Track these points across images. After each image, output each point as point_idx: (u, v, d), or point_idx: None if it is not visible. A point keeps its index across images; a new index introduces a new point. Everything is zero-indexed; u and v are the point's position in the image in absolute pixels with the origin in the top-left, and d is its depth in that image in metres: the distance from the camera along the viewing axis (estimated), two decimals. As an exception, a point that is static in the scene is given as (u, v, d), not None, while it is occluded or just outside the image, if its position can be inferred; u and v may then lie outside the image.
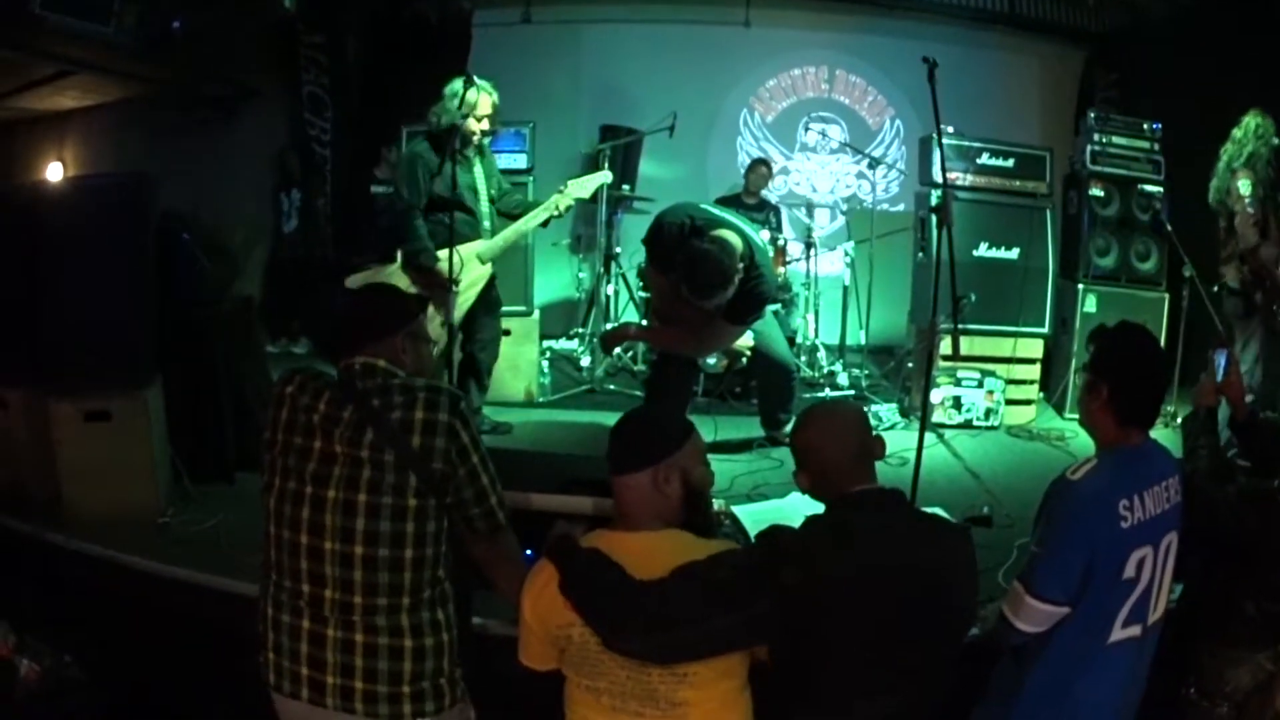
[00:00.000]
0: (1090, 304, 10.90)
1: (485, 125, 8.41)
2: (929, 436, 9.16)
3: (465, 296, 8.42)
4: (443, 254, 8.00)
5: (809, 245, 11.55)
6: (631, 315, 11.50)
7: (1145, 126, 11.15)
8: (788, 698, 3.68)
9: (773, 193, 12.92)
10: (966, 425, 10.35)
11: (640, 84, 11.15)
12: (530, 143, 10.51)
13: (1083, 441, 4.91)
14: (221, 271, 8.60)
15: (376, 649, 3.90)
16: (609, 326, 11.40)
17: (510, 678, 4.04)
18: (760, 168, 11.93)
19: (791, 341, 10.07)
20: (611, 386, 10.93)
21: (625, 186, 11.11)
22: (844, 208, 12.69)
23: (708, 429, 8.79)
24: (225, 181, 11.11)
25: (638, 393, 10.11)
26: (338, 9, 11.83)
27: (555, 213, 8.82)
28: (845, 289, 11.89)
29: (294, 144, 12.35)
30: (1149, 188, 10.95)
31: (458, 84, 8.21)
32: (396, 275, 8.21)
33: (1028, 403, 10.93)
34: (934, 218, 7.83)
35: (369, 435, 3.85)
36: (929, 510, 6.52)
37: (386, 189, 10.31)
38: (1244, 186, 9.14)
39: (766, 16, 12.28)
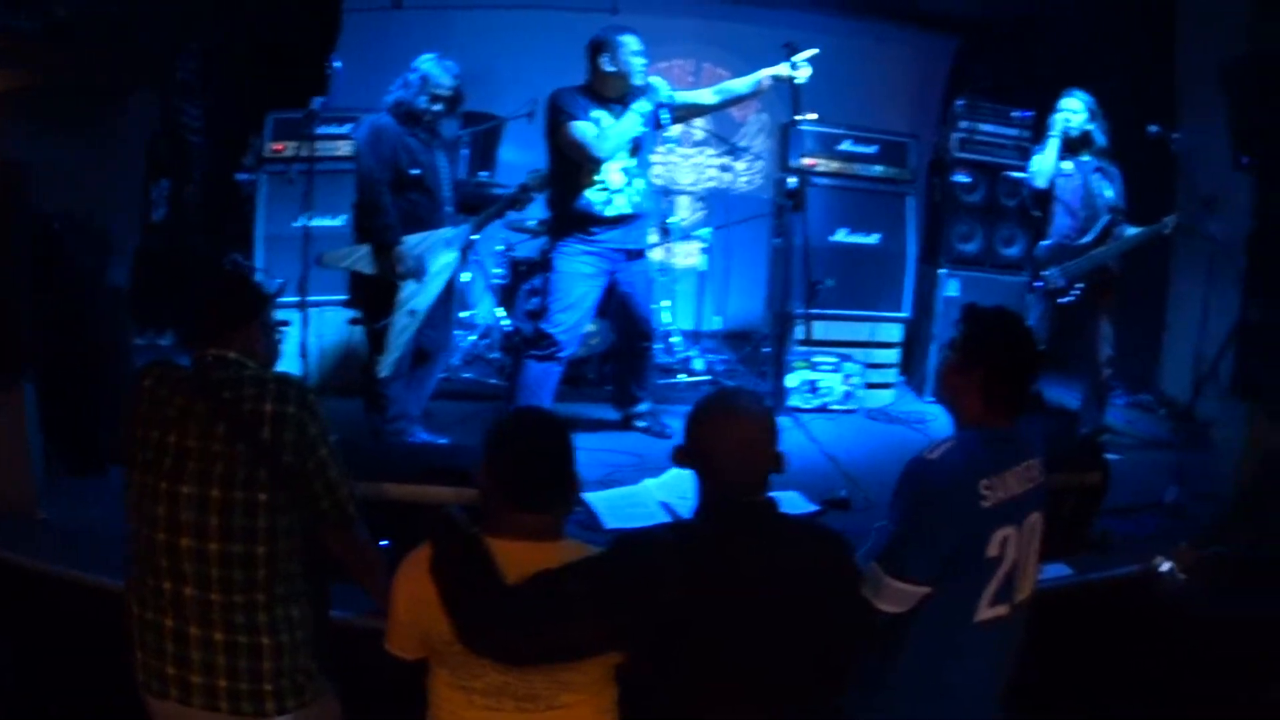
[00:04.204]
0: (952, 288, 11.02)
1: (441, 107, 8.25)
2: (786, 420, 9.46)
3: (434, 284, 8.28)
4: (412, 238, 8.04)
5: (665, 232, 11.48)
6: (487, 302, 11.49)
7: (1015, 114, 11.24)
8: (654, 712, 3.67)
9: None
10: (823, 409, 10.36)
11: (507, 70, 11.04)
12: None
13: (942, 424, 4.93)
14: (94, 262, 8.43)
15: (237, 647, 3.89)
16: (464, 314, 11.47)
17: (373, 672, 4.06)
18: None
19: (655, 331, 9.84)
20: (467, 375, 10.80)
21: (484, 174, 11.06)
22: (703, 194, 12.77)
23: (564, 412, 8.85)
24: (103, 171, 10.95)
25: (494, 380, 10.18)
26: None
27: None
28: (702, 275, 11.95)
29: (166, 132, 12.14)
30: (1016, 174, 10.93)
31: (424, 60, 8.14)
32: (367, 258, 8.06)
33: (887, 386, 11.00)
34: (789, 203, 7.77)
35: (221, 428, 3.86)
36: (791, 496, 6.39)
37: (251, 176, 10.17)
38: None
39: (634, 3, 12.23)
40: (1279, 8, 9.20)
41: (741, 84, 8.57)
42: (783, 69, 8.12)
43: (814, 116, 10.11)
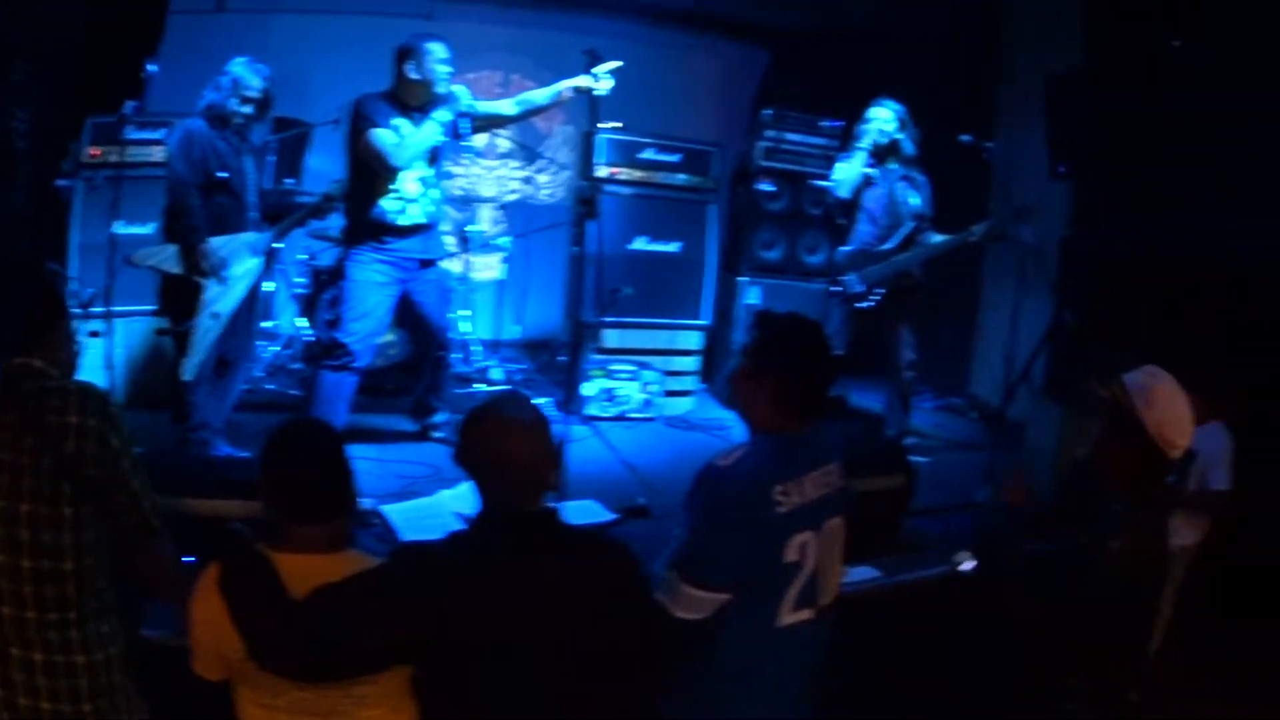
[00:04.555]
0: (753, 296, 11.06)
1: (251, 110, 8.14)
2: (584, 429, 9.50)
3: (237, 288, 8.19)
4: (217, 240, 7.95)
5: (464, 241, 11.52)
6: (289, 312, 11.25)
7: (824, 124, 11.33)
8: None
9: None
10: (621, 417, 10.33)
11: (321, 76, 10.86)
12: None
13: (742, 431, 5.07)
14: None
15: (55, 666, 3.80)
16: (267, 324, 11.18)
17: (187, 691, 3.85)
18: None
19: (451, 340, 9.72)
20: (269, 387, 10.60)
21: (289, 181, 10.99)
22: (504, 201, 12.71)
23: (361, 424, 9.13)
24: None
25: (296, 392, 10.03)
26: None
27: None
28: (501, 284, 11.94)
29: (-7, 137, 11.99)
30: (822, 183, 10.82)
31: (235, 63, 8.07)
32: (174, 257, 7.94)
33: (687, 394, 10.95)
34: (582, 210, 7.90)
35: (28, 441, 3.73)
36: (589, 504, 6.49)
37: (70, 182, 10.10)
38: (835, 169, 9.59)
39: (448, 10, 12.10)
40: (1100, 23, 9.42)
41: (542, 94, 8.53)
42: (583, 80, 8.04)
43: (618, 125, 10.17)
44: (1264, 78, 7.97)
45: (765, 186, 11.25)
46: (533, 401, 3.86)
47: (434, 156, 8.39)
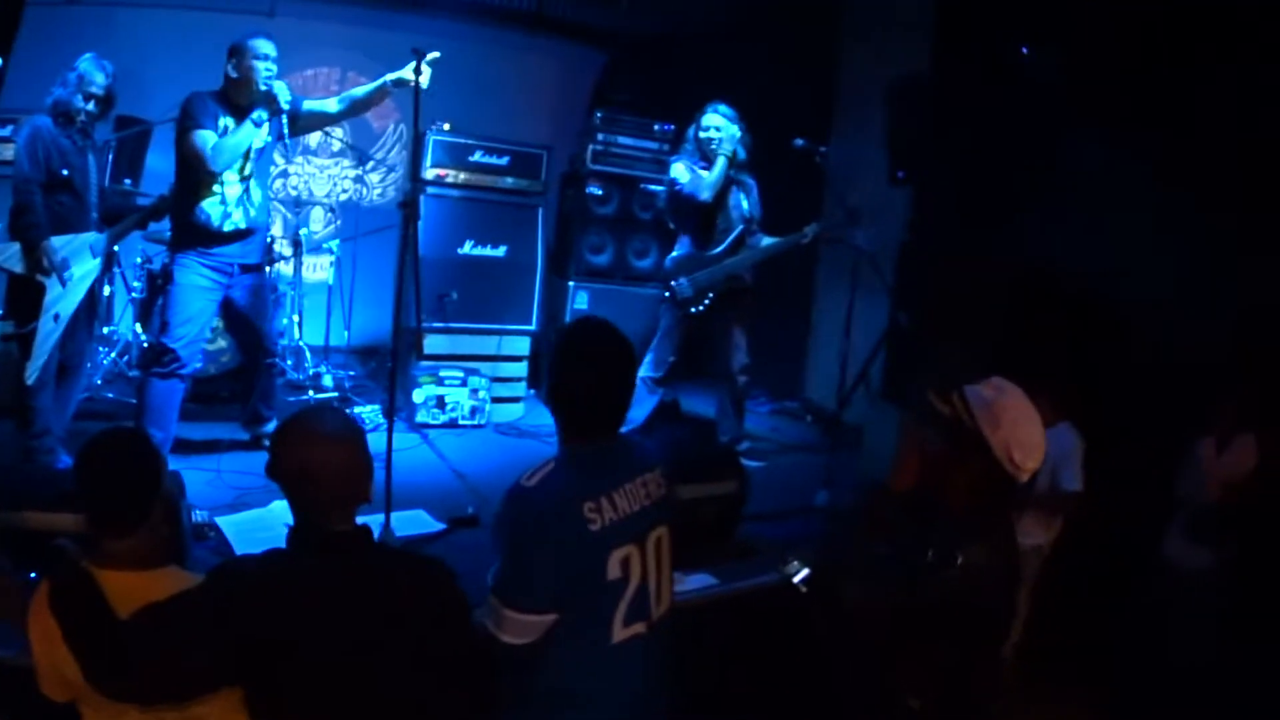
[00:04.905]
0: (581, 301, 11.13)
1: (94, 107, 7.99)
2: (413, 438, 9.48)
3: (78, 290, 8.04)
4: (58, 240, 7.77)
5: (296, 245, 11.40)
6: (128, 317, 11.08)
7: (657, 127, 11.39)
8: None
9: (272, 195, 12.47)
10: (452, 425, 10.29)
11: (162, 72, 10.67)
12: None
13: None
14: None
15: None
16: (108, 329, 11.00)
17: (37, 711, 3.80)
18: None
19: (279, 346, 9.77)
20: (109, 394, 10.35)
21: (127, 181, 10.74)
22: (336, 211, 12.57)
23: (195, 433, 9.03)
24: None
25: (134, 400, 9.32)
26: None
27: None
28: (330, 288, 11.85)
29: None
30: (653, 186, 11.06)
31: (82, 59, 7.94)
32: (16, 256, 7.74)
33: (516, 400, 10.91)
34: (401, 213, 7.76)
35: None
36: (417, 514, 6.37)
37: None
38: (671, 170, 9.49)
39: (291, 7, 11.78)
40: (941, 30, 9.52)
41: (363, 89, 8.45)
42: (405, 72, 7.93)
43: (447, 126, 10.17)
44: (1104, 85, 8.03)
45: (594, 190, 11.29)
46: (345, 412, 3.87)
47: (255, 157, 8.24)
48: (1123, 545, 7.42)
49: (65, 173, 7.87)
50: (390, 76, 8.13)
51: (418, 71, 7.52)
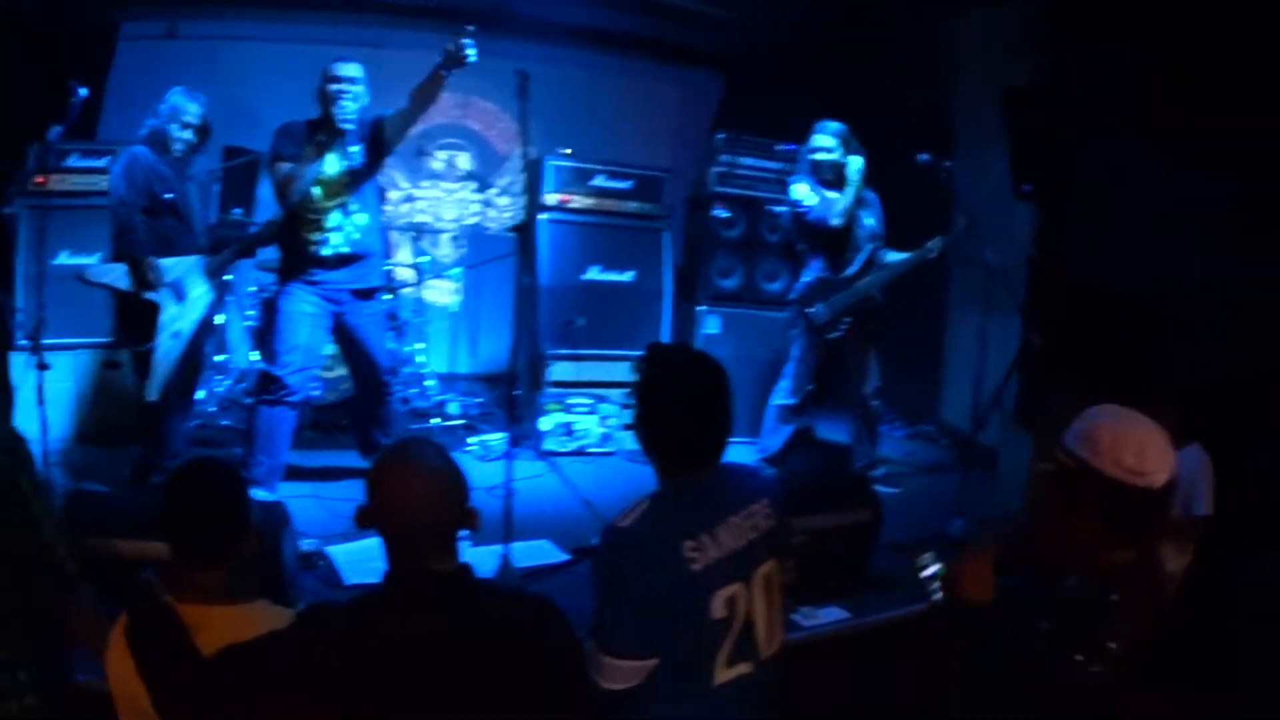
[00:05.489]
0: (712, 325, 10.83)
1: (191, 136, 8.06)
2: (540, 465, 9.38)
3: (195, 310, 8.10)
4: (166, 261, 7.83)
5: (419, 271, 11.37)
6: (243, 345, 11.16)
7: (779, 148, 11.04)
8: None
9: (397, 220, 12.78)
10: (580, 452, 10.13)
11: (271, 105, 10.57)
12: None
13: None
14: None
15: None
16: (220, 358, 11.06)
17: None
18: None
19: (395, 371, 9.63)
20: (224, 422, 10.42)
21: (238, 211, 10.82)
22: (456, 231, 12.46)
23: (313, 461, 9.05)
24: None
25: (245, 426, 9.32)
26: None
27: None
28: (455, 316, 11.88)
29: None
30: (779, 208, 10.79)
31: (172, 92, 8.02)
32: (125, 275, 7.78)
33: None
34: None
35: None
36: (542, 544, 6.20)
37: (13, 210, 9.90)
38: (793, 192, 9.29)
39: (401, 39, 11.95)
40: (1057, 37, 9.31)
41: (422, 82, 8.08)
42: (450, 50, 7.66)
43: (568, 152, 10.10)
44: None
45: (720, 213, 11.01)
46: (434, 443, 3.61)
47: (350, 183, 8.13)
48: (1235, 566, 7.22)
49: (169, 196, 7.89)
50: (439, 65, 7.88)
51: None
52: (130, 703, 3.47)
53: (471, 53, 7.45)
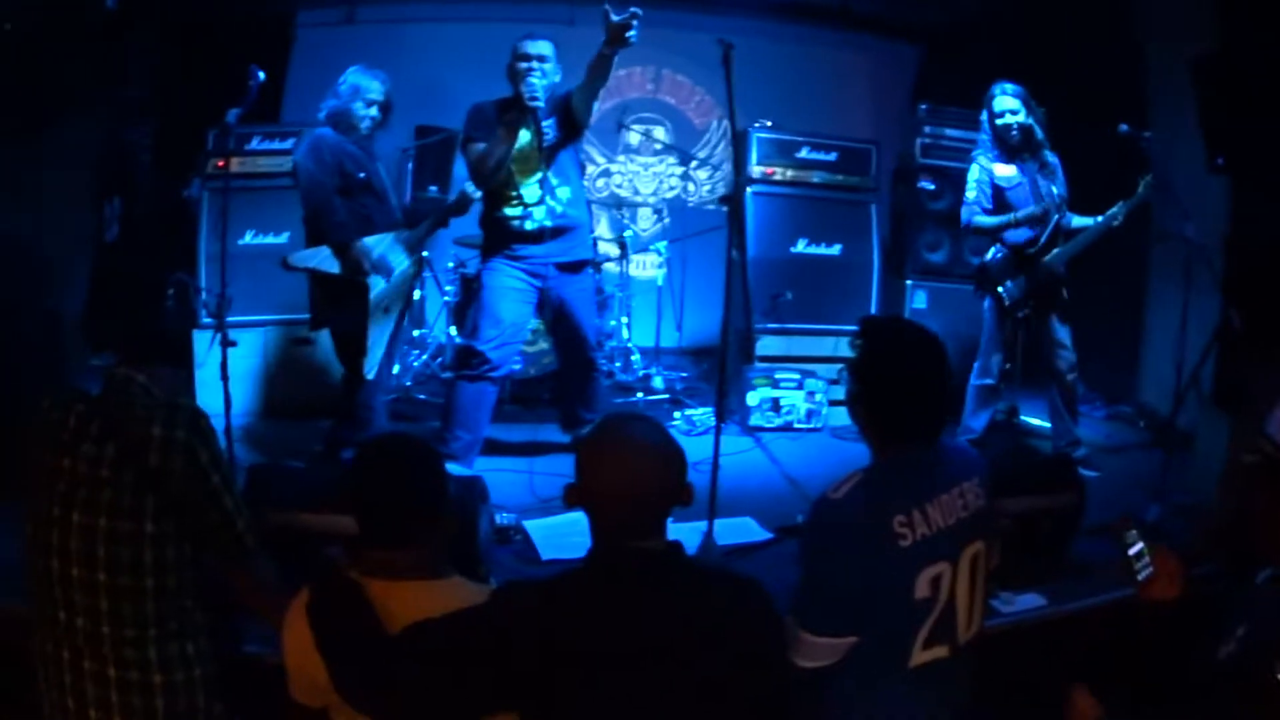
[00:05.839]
0: (920, 300, 10.74)
1: (376, 113, 7.99)
2: (746, 441, 9.28)
3: (403, 285, 8.14)
4: (369, 240, 7.78)
5: (622, 245, 11.26)
6: (443, 320, 11.20)
7: (981, 119, 10.55)
8: None
9: (594, 195, 12.81)
10: (787, 428, 9.92)
11: (461, 83, 10.73)
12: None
13: None
14: (26, 286, 8.12)
15: (129, 683, 3.69)
16: (417, 333, 11.30)
17: (291, 713, 3.68)
18: None
19: (600, 346, 9.53)
20: (420, 396, 10.52)
21: (433, 188, 10.84)
22: (664, 210, 12.16)
23: (512, 435, 9.04)
24: (46, 190, 10.68)
25: (441, 401, 9.25)
26: (162, 9, 11.41)
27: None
28: (659, 290, 11.64)
29: (116, 150, 11.87)
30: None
31: (350, 72, 7.96)
32: (330, 257, 7.77)
33: None
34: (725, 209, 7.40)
35: (109, 451, 3.64)
36: (745, 522, 5.88)
37: (196, 192, 9.90)
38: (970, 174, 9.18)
39: (591, 15, 11.72)
40: (1249, 3, 8.88)
41: (591, 61, 7.86)
42: (613, 26, 7.42)
43: (768, 124, 9.86)
44: None
45: (926, 185, 10.86)
46: (649, 418, 3.58)
47: (550, 157, 8.09)
48: None
49: (362, 176, 7.84)
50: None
51: (727, 63, 7.02)
52: (306, 677, 3.47)
53: (633, 34, 7.34)
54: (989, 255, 9.10)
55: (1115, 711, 4.03)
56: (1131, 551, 3.93)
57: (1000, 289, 8.88)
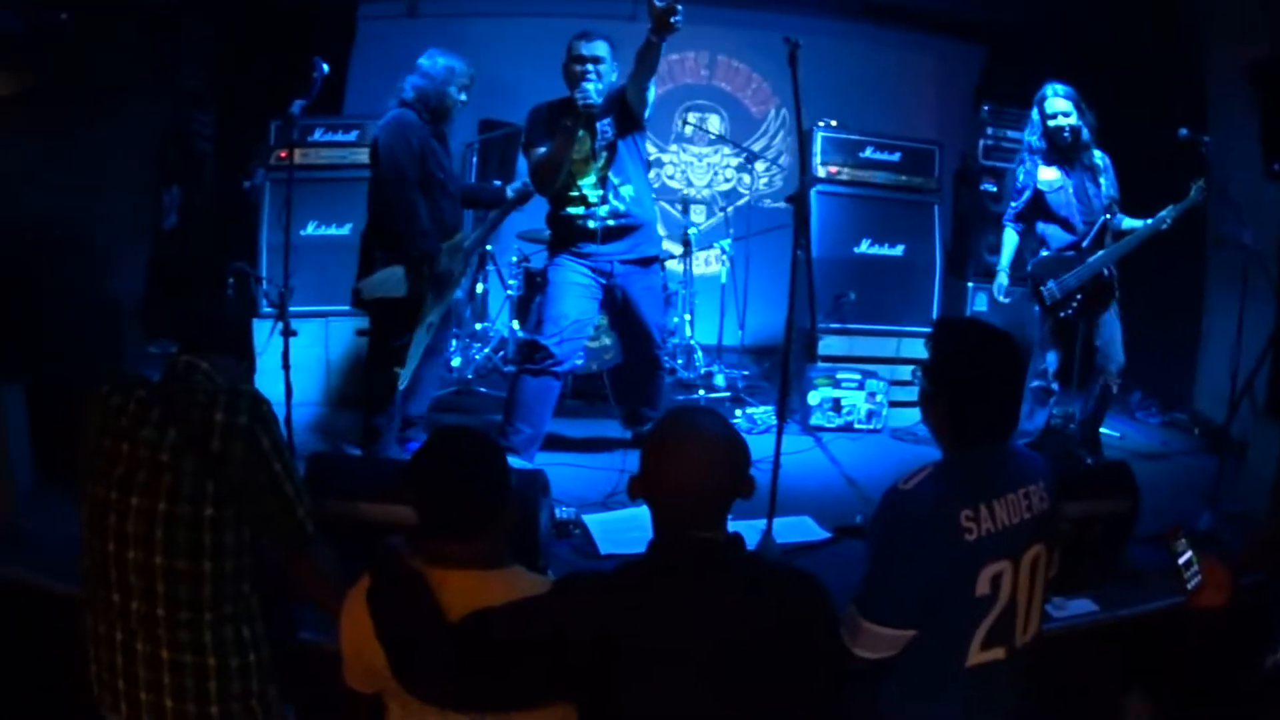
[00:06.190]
0: (981, 302, 10.79)
1: (465, 98, 8.01)
2: (806, 441, 9.28)
3: (453, 293, 8.22)
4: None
5: (685, 242, 11.18)
6: (505, 314, 11.22)
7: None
8: None
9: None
10: (847, 428, 9.93)
11: (524, 77, 10.89)
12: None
13: None
14: (88, 271, 8.13)
15: (182, 666, 3.72)
16: (481, 325, 11.34)
17: (343, 701, 3.76)
18: None
19: (663, 343, 9.40)
20: (481, 389, 10.53)
21: (497, 182, 10.42)
22: (723, 204, 12.12)
23: (573, 431, 9.07)
24: (104, 177, 10.72)
25: (501, 394, 9.35)
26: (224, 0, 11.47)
27: None
28: (723, 287, 11.61)
29: (175, 139, 11.94)
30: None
31: (438, 53, 7.87)
32: (401, 280, 7.68)
33: (914, 404, 10.17)
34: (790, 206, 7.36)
35: (170, 436, 3.67)
36: (803, 521, 5.82)
37: (258, 183, 9.93)
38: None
39: None
40: None
41: (639, 49, 7.63)
42: (657, 10, 7.09)
43: (834, 123, 9.80)
44: None
45: (988, 186, 10.96)
46: (713, 410, 3.65)
47: (611, 156, 8.07)
48: None
49: (440, 175, 7.78)
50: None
51: (794, 61, 6.88)
52: (362, 663, 3.52)
53: (678, 18, 7.12)
54: (1034, 257, 9.09)
55: (1165, 715, 4.03)
56: (1181, 560, 4.00)
57: (1042, 288, 8.87)
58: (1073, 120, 8.61)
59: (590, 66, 7.74)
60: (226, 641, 3.76)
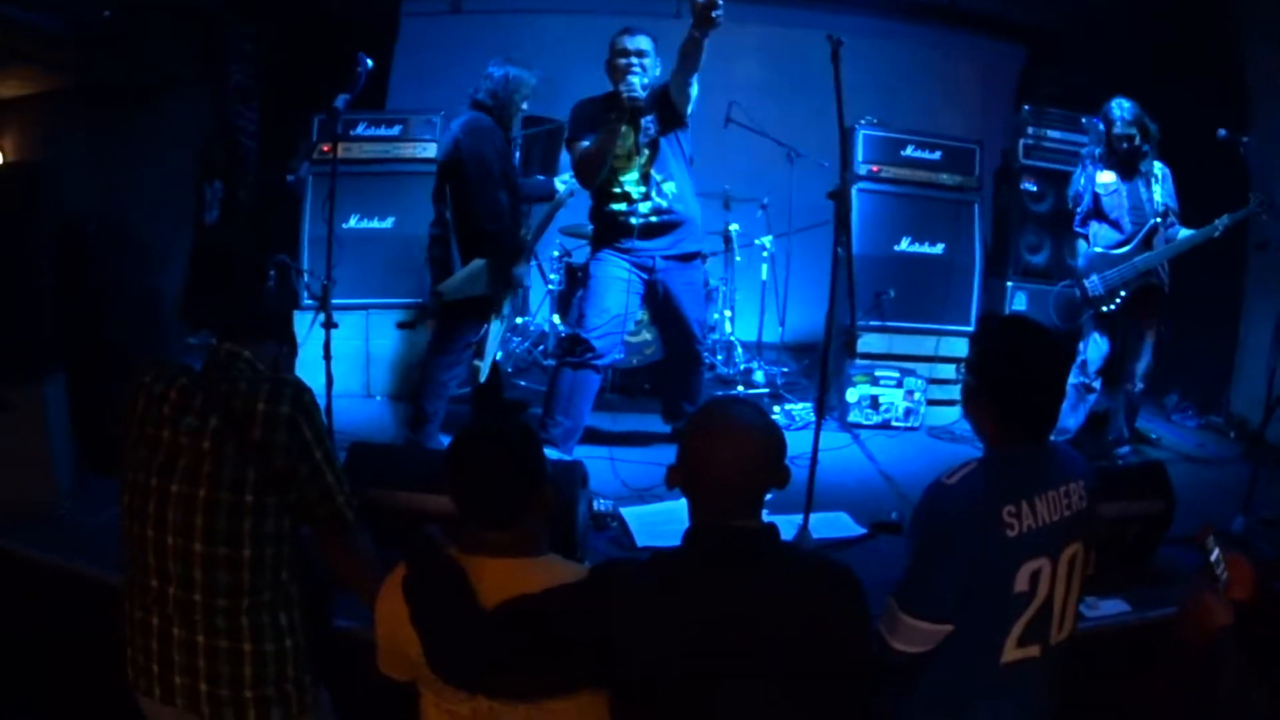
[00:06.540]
0: (1020, 302, 10.70)
1: (526, 108, 8.30)
2: (843, 437, 9.31)
3: (517, 286, 8.46)
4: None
5: (727, 239, 11.27)
6: (546, 308, 11.36)
7: (1084, 120, 10.67)
8: None
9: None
10: (885, 425, 9.95)
11: (568, 74, 10.59)
12: (442, 132, 9.95)
13: None
14: (129, 263, 8.17)
15: (217, 651, 3.78)
16: (522, 320, 11.44)
17: (377, 687, 3.80)
18: None
19: (704, 338, 9.41)
20: (521, 383, 10.61)
21: (540, 178, 10.47)
22: (765, 200, 12.03)
23: (613, 425, 9.18)
24: (146, 172, 10.81)
25: (542, 388, 9.54)
26: (267, -3, 11.55)
27: None
28: (763, 284, 11.56)
29: (219, 135, 12.02)
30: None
31: (503, 61, 8.04)
32: (481, 279, 7.87)
33: (952, 403, 10.28)
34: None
35: (212, 424, 3.72)
36: (839, 517, 5.82)
37: (301, 177, 9.98)
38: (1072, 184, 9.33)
39: None
40: None
41: (681, 45, 7.66)
42: (698, 6, 7.15)
43: (875, 121, 9.82)
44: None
45: (1029, 186, 10.88)
46: (750, 402, 3.70)
47: (654, 153, 8.10)
48: None
49: (512, 175, 7.96)
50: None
51: (836, 59, 6.90)
52: (396, 651, 3.58)
53: (719, 13, 7.16)
54: (1086, 253, 9.14)
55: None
56: (1212, 557, 3.91)
57: (1085, 280, 8.96)
58: (1136, 141, 8.71)
59: (635, 60, 7.78)
60: (263, 627, 3.80)
